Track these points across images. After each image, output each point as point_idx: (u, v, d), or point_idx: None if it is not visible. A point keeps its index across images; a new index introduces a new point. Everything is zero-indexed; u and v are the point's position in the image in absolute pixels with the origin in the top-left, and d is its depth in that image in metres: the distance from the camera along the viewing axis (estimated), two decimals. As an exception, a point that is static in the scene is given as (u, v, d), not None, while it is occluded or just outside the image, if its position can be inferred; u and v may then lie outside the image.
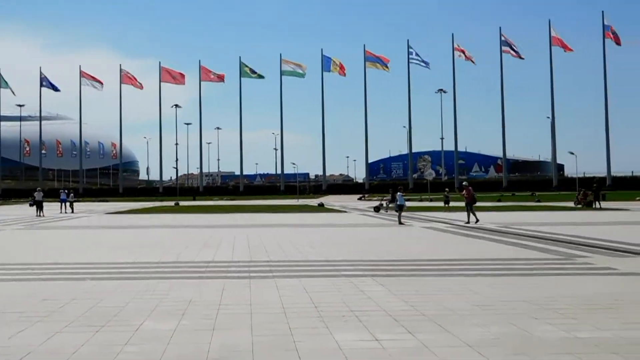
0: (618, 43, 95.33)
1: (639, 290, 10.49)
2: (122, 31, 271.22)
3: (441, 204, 51.12)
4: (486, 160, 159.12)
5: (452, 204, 47.87)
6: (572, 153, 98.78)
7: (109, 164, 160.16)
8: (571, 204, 52.34)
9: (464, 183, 33.21)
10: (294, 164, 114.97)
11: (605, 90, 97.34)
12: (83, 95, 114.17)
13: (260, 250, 17.80)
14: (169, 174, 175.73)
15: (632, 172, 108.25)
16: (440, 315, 8.57)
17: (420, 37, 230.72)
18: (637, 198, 63.45)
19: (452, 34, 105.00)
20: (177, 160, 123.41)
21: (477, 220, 29.31)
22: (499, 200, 63.47)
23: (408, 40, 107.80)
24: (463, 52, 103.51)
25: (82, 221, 37.33)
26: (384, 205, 44.83)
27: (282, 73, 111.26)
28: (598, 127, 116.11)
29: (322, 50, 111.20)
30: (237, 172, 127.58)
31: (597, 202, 48.31)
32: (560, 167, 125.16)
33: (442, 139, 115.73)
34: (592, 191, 50.30)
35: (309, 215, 41.21)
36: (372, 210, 45.52)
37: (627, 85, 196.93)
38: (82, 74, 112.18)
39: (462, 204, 31.72)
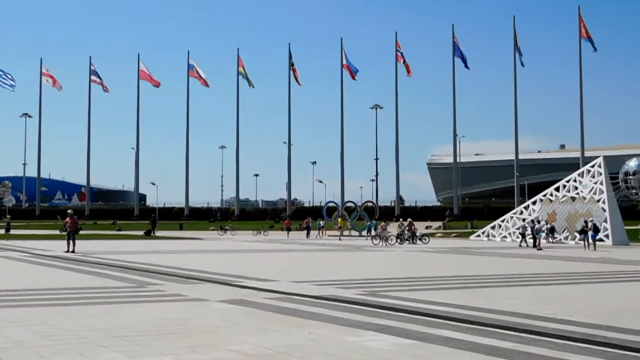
0: (206, 85, 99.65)
1: (202, 315, 11.27)
2: None
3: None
4: (70, 188, 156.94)
5: (13, 231, 50.25)
6: (153, 184, 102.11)
7: None
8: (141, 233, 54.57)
9: (69, 211, 32.12)
10: None
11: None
12: None
13: None
14: None
15: (208, 202, 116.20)
16: (5, 348, 8.22)
17: (9, 59, 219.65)
18: (211, 228, 68.04)
19: (41, 59, 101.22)
20: None
21: (74, 251, 28.65)
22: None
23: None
24: (52, 77, 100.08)
25: None
26: None
27: None
28: (179, 159, 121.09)
29: None
30: None
31: (154, 232, 52.99)
32: (143, 197, 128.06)
33: (24, 164, 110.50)
34: (150, 221, 55.73)
35: None
36: None
37: (205, 125, 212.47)
38: None
39: (26, 232, 31.08)
